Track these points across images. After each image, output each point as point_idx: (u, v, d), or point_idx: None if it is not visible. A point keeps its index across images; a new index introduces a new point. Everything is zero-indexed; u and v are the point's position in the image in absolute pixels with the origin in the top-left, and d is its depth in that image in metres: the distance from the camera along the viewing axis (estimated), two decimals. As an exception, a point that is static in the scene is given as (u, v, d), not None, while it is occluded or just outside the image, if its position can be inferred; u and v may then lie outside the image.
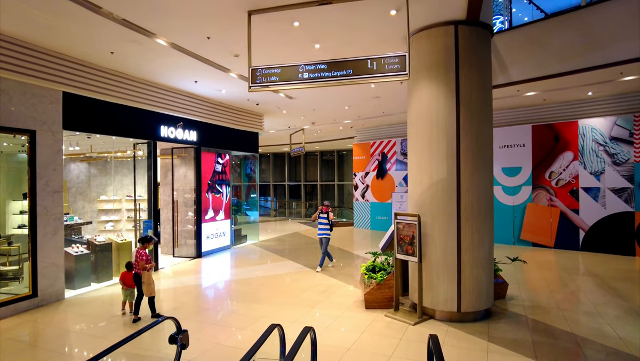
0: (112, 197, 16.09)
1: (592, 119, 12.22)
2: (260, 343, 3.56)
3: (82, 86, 8.16)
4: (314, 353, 4.01)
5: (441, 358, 3.09)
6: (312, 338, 3.97)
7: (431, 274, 6.41)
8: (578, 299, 7.63)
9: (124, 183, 16.86)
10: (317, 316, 6.64)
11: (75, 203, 15.36)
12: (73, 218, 12.18)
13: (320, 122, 16.64)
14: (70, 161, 15.09)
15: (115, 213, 16.02)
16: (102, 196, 16.04)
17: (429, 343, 3.56)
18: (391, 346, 5.38)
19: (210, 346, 5.55)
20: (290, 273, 9.82)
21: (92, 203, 15.90)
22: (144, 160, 11.40)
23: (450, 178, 6.28)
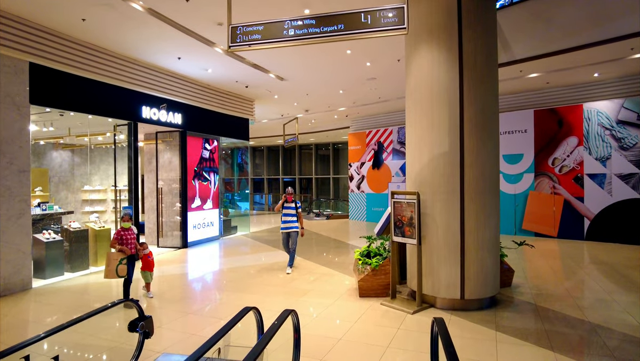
0: (96, 187, 15.43)
1: (597, 102, 11.66)
2: (230, 326, 2.95)
3: (53, 57, 7.49)
4: (297, 341, 3.40)
5: (449, 344, 2.49)
6: (295, 323, 3.36)
7: (431, 258, 5.82)
8: (589, 286, 7.07)
9: (109, 173, 16.17)
10: (306, 305, 6.04)
11: (57, 192, 14.68)
12: (52, 207, 11.48)
13: (314, 109, 16.01)
14: (52, 149, 14.41)
15: (100, 203, 15.36)
16: (86, 186, 15.37)
17: (433, 327, 2.96)
18: (387, 337, 4.79)
19: (184, 336, 4.94)
20: (279, 262, 9.21)
21: (75, 193, 15.23)
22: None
23: (453, 152, 5.68)
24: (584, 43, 8.95)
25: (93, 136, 10.67)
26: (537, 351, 4.35)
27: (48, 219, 11.23)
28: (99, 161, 15.66)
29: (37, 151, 13.88)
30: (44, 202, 11.72)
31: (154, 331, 3.89)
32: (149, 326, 3.80)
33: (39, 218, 11.00)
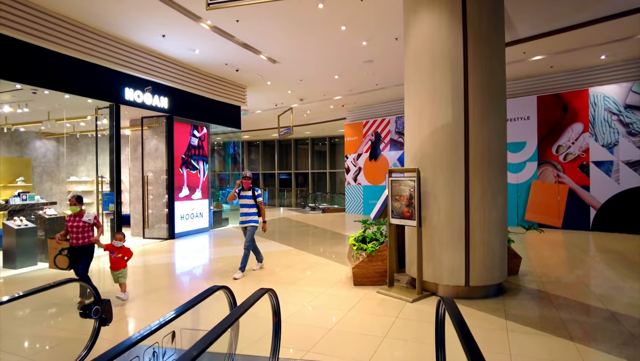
0: (83, 178, 14.85)
1: (604, 86, 11.15)
2: (189, 307, 2.40)
3: (22, 28, 6.90)
4: (277, 325, 2.86)
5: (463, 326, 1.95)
6: (273, 304, 2.81)
7: (433, 242, 5.28)
8: (602, 274, 6.55)
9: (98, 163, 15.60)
10: (295, 294, 5.49)
11: (41, 183, 14.08)
12: (34, 197, 10.90)
13: (309, 98, 15.44)
14: (35, 138, 13.81)
15: (87, 195, 14.74)
16: (72, 177, 14.78)
17: (439, 308, 2.42)
18: (384, 326, 4.24)
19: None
20: (270, 252, 8.66)
21: (61, 185, 14.63)
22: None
23: (457, 123, 5.14)
24: (592, 19, 8.43)
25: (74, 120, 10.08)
26: (554, 342, 3.81)
27: (29, 210, 10.66)
28: (85, 151, 15.06)
29: (19, 140, 13.28)
30: (26, 192, 11.17)
31: (112, 317, 3.34)
32: (106, 312, 3.26)
33: (18, 208, 10.44)
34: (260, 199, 6.94)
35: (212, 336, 1.88)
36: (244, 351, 3.63)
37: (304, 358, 3.48)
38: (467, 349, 1.64)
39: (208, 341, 1.81)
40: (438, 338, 2.50)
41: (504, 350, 3.63)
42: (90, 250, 5.30)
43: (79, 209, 5.23)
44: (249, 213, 6.86)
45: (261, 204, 6.95)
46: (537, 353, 3.61)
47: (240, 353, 3.53)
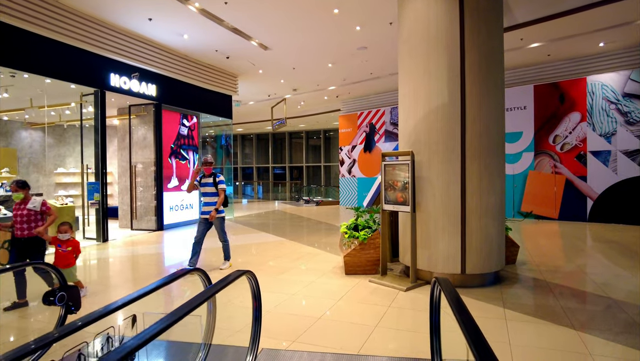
0: (71, 169, 14.50)
1: (602, 74, 10.95)
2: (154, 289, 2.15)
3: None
4: (257, 311, 2.61)
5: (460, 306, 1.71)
6: (253, 287, 2.56)
7: (428, 228, 5.05)
8: (602, 263, 6.36)
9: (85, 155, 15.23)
10: (283, 283, 5.24)
11: (27, 175, 13.70)
12: (17, 188, 10.53)
13: (302, 88, 15.14)
14: (21, 128, 13.43)
15: (75, 187, 14.41)
16: (59, 168, 14.43)
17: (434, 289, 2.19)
18: (376, 315, 4.01)
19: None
20: (261, 243, 8.42)
21: (48, 176, 14.27)
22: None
23: (453, 103, 4.90)
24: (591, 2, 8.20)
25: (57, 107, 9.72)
26: (556, 330, 3.60)
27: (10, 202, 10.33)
28: (73, 142, 14.69)
29: (4, 130, 12.91)
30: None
31: (80, 304, 3.08)
32: (73, 298, 2.99)
33: (2, 199, 10.12)
34: (222, 186, 6.12)
35: (173, 318, 1.63)
36: (225, 342, 3.39)
37: (289, 348, 3.24)
38: (466, 329, 1.40)
39: (167, 323, 1.56)
40: (433, 323, 2.27)
41: (503, 339, 3.41)
42: (38, 243, 4.61)
43: (23, 195, 4.65)
44: (210, 202, 6.11)
45: (222, 192, 6.10)
46: (538, 341, 3.39)
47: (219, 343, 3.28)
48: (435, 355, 2.34)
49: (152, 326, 1.52)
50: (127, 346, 1.35)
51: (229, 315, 4.14)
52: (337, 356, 3.10)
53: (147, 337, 1.44)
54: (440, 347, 2.38)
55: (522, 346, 3.29)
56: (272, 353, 3.15)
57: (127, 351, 1.33)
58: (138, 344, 1.39)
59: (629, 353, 3.14)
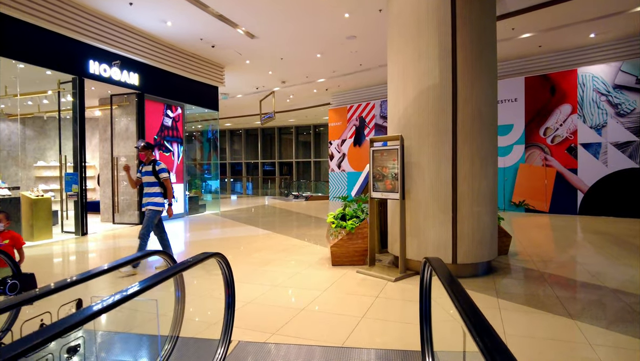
0: (51, 163, 14.04)
1: (593, 66, 10.84)
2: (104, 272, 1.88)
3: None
4: (230, 298, 2.35)
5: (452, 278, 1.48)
6: (224, 272, 2.31)
7: (417, 216, 4.83)
8: (595, 254, 6.21)
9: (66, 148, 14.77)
10: (266, 274, 4.99)
11: (6, 168, 13.24)
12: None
13: (291, 80, 14.85)
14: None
15: (56, 181, 13.95)
16: (40, 161, 13.97)
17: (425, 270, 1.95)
18: (362, 306, 3.78)
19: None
20: (246, 236, 8.15)
21: (28, 170, 13.82)
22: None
23: (444, 84, 4.68)
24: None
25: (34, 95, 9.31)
26: (552, 319, 3.40)
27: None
28: (54, 135, 14.20)
29: (-21, 122, 12.43)
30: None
31: (36, 295, 2.77)
32: (28, 287, 2.70)
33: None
34: (164, 175, 5.39)
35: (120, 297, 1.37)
36: (200, 335, 3.13)
37: (267, 341, 2.99)
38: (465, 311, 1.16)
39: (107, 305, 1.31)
40: (423, 310, 2.04)
41: (497, 329, 3.18)
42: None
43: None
44: (150, 193, 5.39)
45: (166, 182, 5.39)
46: (534, 331, 3.19)
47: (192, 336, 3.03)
48: (426, 344, 2.11)
49: (91, 306, 1.27)
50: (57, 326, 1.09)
51: (207, 307, 3.88)
52: (320, 349, 2.86)
53: (81, 318, 1.18)
54: (431, 337, 2.15)
55: (518, 336, 3.09)
56: (248, 346, 2.90)
57: (53, 333, 1.07)
58: (68, 326, 1.13)
59: (629, 342, 2.95)
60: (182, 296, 2.44)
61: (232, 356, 2.73)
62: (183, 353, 2.81)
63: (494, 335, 0.99)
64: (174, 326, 2.42)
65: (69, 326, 1.15)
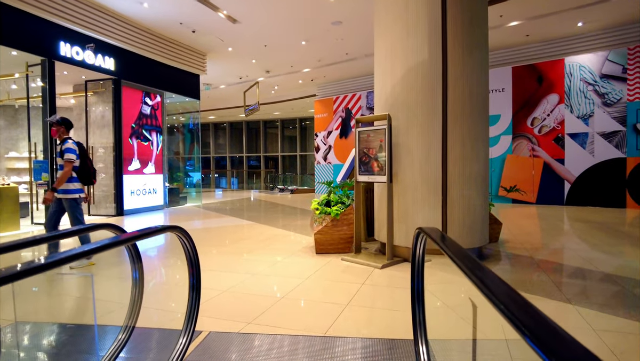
0: (24, 154, 13.42)
1: (580, 55, 10.75)
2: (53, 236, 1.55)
3: None
4: (194, 278, 2.05)
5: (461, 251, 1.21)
6: (187, 249, 2.00)
7: (405, 200, 4.57)
8: (587, 241, 6.05)
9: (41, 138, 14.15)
10: (245, 263, 4.68)
11: (-25, 160, 12.62)
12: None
13: (276, 69, 14.49)
14: (-34, 108, 12.31)
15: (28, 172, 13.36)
16: (11, 152, 13.35)
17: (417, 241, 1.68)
18: (347, 294, 3.51)
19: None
20: (228, 226, 7.81)
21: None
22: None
23: (434, 62, 4.42)
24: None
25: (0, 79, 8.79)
26: (550, 305, 3.18)
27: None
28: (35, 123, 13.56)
29: (-55, 110, 11.78)
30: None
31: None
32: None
33: None
34: (68, 156, 4.42)
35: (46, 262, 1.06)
36: (165, 326, 2.82)
37: (241, 331, 2.70)
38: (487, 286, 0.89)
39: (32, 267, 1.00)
40: (415, 287, 1.77)
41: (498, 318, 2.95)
42: None
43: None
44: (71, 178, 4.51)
45: (67, 164, 4.42)
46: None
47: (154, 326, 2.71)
48: (419, 329, 1.85)
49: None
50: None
51: (179, 297, 3.56)
52: (298, 339, 2.57)
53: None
54: (425, 320, 1.88)
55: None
56: (220, 336, 2.60)
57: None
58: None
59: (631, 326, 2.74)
60: (140, 279, 2.13)
61: (201, 348, 2.43)
62: (139, 344, 2.50)
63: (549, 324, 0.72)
64: (130, 314, 2.10)
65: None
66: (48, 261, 1.12)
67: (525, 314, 0.70)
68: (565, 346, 0.60)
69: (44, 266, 1.10)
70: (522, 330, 0.66)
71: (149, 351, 2.49)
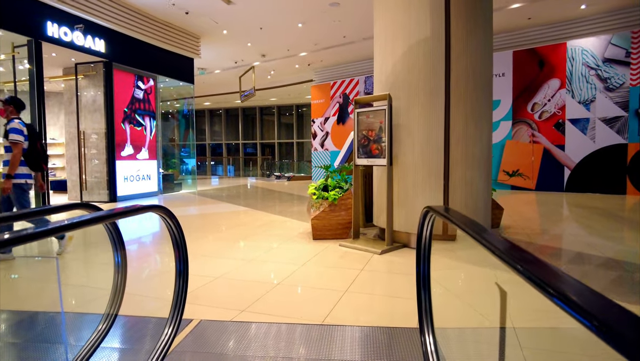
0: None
1: (582, 39, 10.52)
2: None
3: None
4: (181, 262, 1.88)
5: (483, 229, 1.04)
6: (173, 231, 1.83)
7: (406, 183, 4.41)
8: (589, 226, 5.93)
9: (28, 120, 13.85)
10: (240, 249, 4.53)
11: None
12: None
13: (272, 53, 14.18)
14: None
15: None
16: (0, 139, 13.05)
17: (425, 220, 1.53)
18: (346, 280, 3.36)
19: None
20: (223, 212, 7.65)
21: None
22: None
23: (437, 38, 4.21)
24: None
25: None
26: (557, 291, 3.04)
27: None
28: (17, 110, 13.27)
29: None
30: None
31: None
32: None
33: None
34: (14, 137, 4.03)
35: None
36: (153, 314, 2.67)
37: (234, 320, 2.54)
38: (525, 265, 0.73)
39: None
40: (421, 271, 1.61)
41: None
42: None
43: None
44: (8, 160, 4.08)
45: (14, 146, 4.03)
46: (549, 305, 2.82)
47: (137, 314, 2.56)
48: (425, 317, 1.70)
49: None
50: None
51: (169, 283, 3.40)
52: (295, 327, 2.43)
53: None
54: (431, 308, 1.73)
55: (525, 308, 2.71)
56: (212, 325, 2.45)
57: None
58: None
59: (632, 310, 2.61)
60: (122, 264, 1.96)
61: (191, 337, 2.28)
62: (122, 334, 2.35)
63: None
64: (112, 301, 1.94)
65: None
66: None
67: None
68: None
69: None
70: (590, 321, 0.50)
71: (133, 341, 2.34)
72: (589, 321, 0.53)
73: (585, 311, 0.55)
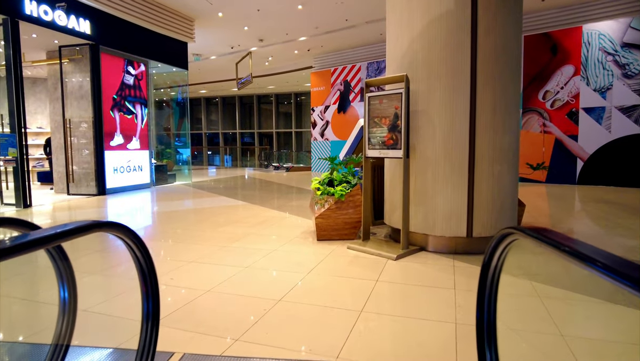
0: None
1: (600, 22, 9.93)
2: None
3: None
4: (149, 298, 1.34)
5: None
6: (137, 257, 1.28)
7: (425, 178, 3.87)
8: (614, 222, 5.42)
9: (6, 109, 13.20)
10: (236, 253, 4.00)
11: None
12: None
13: (270, 38, 13.50)
14: None
15: (7, 149, 12.48)
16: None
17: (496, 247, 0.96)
18: (360, 295, 2.84)
19: (3, 304, 2.79)
20: (216, 207, 7.11)
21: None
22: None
23: (461, 8, 3.64)
24: None
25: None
26: (614, 311, 2.53)
27: None
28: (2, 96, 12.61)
29: None
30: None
31: None
32: None
33: None
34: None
35: None
36: (124, 345, 2.14)
37: (224, 354, 2.02)
38: None
39: None
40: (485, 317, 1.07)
41: (550, 327, 2.30)
42: None
43: None
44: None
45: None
46: (605, 333, 2.31)
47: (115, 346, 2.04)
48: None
49: None
50: None
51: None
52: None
53: None
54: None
55: (574, 333, 2.20)
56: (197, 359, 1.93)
57: None
58: None
59: None
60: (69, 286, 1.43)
61: (168, 383, 1.76)
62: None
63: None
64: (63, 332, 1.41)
65: None
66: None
67: None
68: None
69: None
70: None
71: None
72: None
73: None
